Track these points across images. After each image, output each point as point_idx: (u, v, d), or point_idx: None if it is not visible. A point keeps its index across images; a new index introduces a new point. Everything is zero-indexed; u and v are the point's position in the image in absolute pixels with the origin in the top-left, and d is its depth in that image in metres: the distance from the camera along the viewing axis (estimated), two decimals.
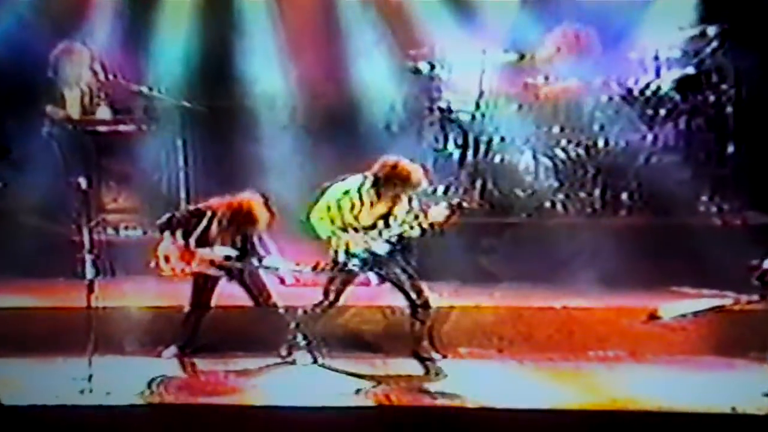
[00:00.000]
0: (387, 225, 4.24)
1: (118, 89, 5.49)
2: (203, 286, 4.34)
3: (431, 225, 4.21)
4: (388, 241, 4.21)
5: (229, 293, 4.39)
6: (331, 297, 4.31)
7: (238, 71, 5.64)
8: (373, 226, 4.24)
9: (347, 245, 4.23)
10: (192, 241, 4.30)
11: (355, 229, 4.24)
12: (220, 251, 4.26)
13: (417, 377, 4.17)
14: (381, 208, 4.24)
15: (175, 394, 3.90)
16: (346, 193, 4.24)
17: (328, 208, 4.24)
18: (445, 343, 4.41)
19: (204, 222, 4.30)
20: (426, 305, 4.28)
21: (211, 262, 4.30)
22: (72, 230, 4.29)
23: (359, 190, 4.23)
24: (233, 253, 4.25)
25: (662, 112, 5.35)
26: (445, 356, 4.32)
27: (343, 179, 4.29)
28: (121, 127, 5.53)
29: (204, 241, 4.31)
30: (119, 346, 4.34)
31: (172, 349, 4.32)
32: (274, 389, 3.99)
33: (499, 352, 4.48)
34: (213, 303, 4.34)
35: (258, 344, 4.32)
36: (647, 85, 5.39)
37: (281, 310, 4.29)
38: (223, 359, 4.30)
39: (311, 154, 5.49)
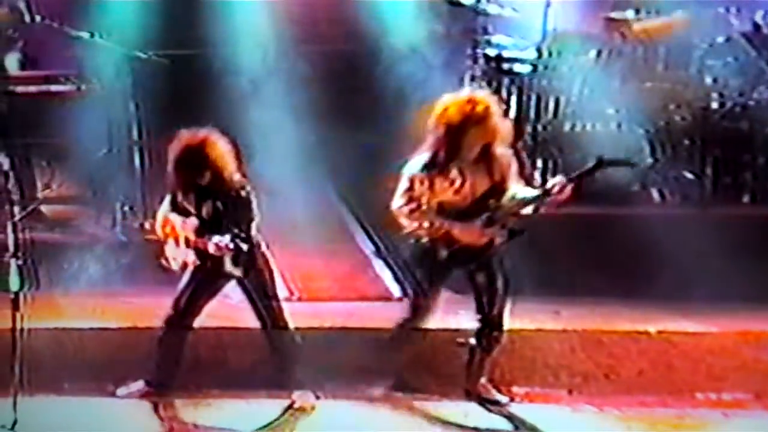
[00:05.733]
0: (498, 205, 4.13)
1: (50, 35, 5.58)
2: (191, 290, 4.20)
3: (543, 196, 4.07)
4: (510, 229, 4.05)
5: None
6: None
7: (210, 7, 5.73)
8: (482, 208, 4.13)
9: (449, 238, 4.06)
10: (166, 204, 4.15)
11: (458, 215, 4.11)
12: (191, 222, 4.06)
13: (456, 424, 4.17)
14: (481, 180, 4.10)
15: None
16: (419, 173, 4.08)
17: (410, 189, 4.07)
18: (494, 380, 4.39)
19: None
20: (499, 326, 4.21)
21: (188, 242, 4.14)
22: None
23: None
24: (194, 221, 3.98)
25: None
26: (512, 399, 4.29)
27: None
28: (55, 87, 5.64)
29: (178, 205, 4.15)
30: (54, 382, 4.39)
31: (138, 384, 4.30)
32: None
33: (569, 393, 4.48)
34: (198, 321, 4.27)
35: (259, 383, 4.34)
36: None
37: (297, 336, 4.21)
38: (195, 400, 4.36)
39: (309, 120, 5.55)
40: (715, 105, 5.42)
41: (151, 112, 5.61)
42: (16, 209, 4.07)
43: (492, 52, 5.60)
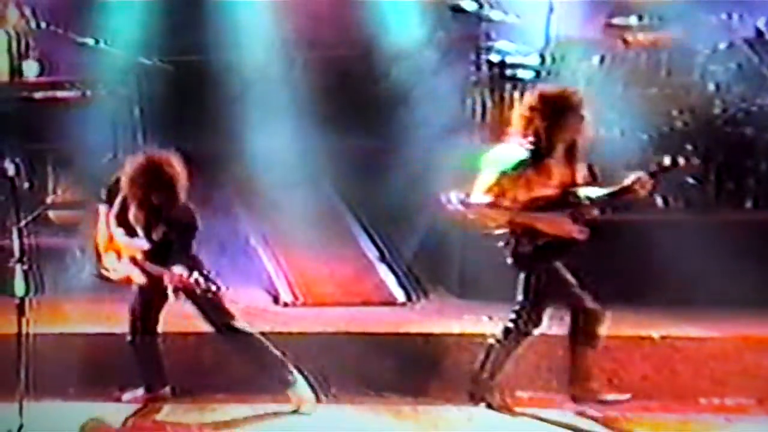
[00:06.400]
0: (580, 199, 4.10)
1: (55, 41, 5.62)
2: (141, 300, 4.26)
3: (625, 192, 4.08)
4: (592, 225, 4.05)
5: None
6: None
7: (212, 14, 5.77)
8: (565, 203, 4.08)
9: (533, 233, 4.02)
10: (111, 219, 4.20)
11: (544, 210, 4.06)
12: (139, 243, 4.10)
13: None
14: (565, 175, 4.07)
15: None
16: (515, 169, 4.01)
17: (498, 184, 4.00)
18: (501, 385, 4.35)
19: (120, 194, 4.21)
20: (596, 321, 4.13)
21: (134, 260, 4.20)
22: None
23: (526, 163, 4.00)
24: (144, 244, 4.02)
25: None
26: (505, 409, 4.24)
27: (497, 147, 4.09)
28: (60, 93, 5.69)
29: (125, 222, 4.21)
30: (59, 386, 4.40)
31: (139, 391, 4.35)
32: None
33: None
34: (161, 326, 4.30)
35: (244, 385, 4.40)
36: None
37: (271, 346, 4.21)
38: (199, 405, 4.38)
39: (313, 124, 5.54)
40: (717, 111, 5.37)
41: (155, 117, 5.62)
42: (22, 214, 4.08)
43: (495, 58, 5.58)
